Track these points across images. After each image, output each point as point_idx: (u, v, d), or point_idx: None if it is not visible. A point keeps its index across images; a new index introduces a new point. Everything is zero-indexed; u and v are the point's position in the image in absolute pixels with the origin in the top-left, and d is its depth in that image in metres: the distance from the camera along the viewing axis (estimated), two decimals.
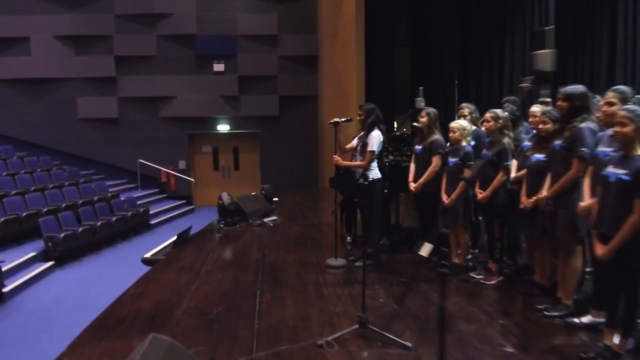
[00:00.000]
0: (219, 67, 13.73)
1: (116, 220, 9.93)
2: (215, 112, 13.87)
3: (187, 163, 14.07)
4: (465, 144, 4.51)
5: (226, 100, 13.86)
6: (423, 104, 4.58)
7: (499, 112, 4.35)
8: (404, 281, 4.50)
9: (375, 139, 4.69)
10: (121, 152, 13.54)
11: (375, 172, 4.75)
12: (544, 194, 3.64)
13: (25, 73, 12.97)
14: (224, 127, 14.05)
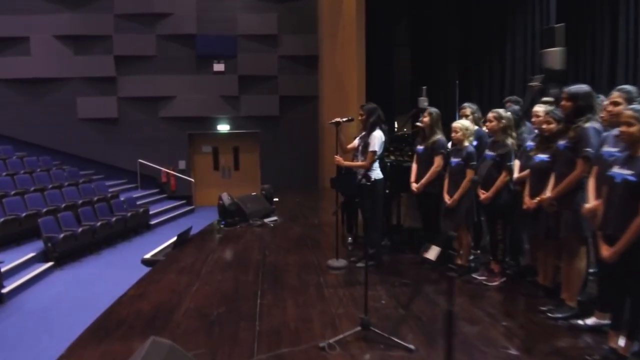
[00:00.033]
0: (219, 67, 13.70)
1: (116, 220, 9.90)
2: (215, 112, 13.84)
3: (187, 163, 14.03)
4: (467, 144, 4.47)
5: (226, 100, 13.83)
6: (426, 103, 4.53)
7: (502, 112, 4.32)
8: (406, 282, 4.46)
9: (377, 139, 4.65)
10: (121, 152, 13.51)
11: (377, 173, 4.72)
12: (547, 194, 3.60)
13: (24, 73, 12.93)
14: (224, 127, 14.02)
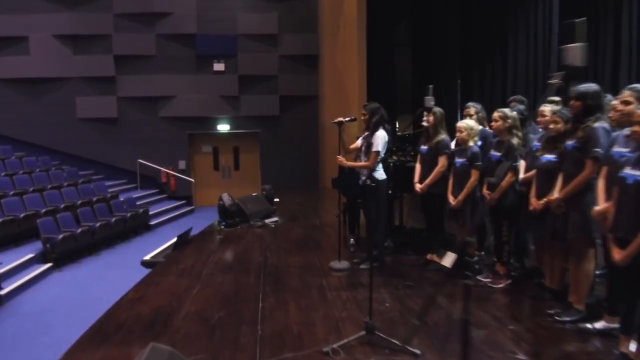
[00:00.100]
0: (219, 66, 13.62)
1: (115, 221, 9.83)
2: (215, 111, 13.77)
3: (187, 163, 13.96)
4: (472, 144, 4.40)
5: (226, 100, 13.76)
6: (432, 102, 4.45)
7: (507, 112, 4.25)
8: (410, 284, 4.39)
9: (380, 139, 4.58)
10: (121, 152, 13.43)
11: (380, 173, 4.65)
12: (555, 195, 3.53)
13: (24, 72, 12.85)
14: (224, 127, 13.94)
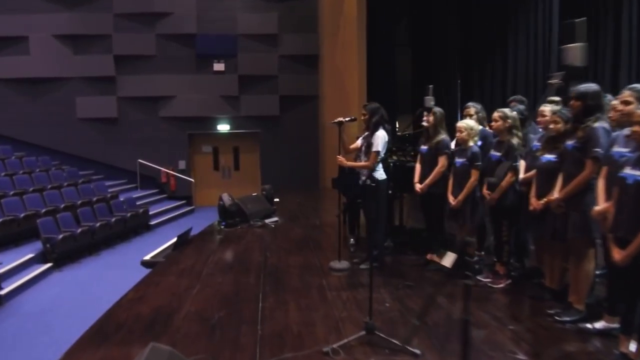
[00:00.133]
0: (219, 66, 13.61)
1: (115, 221, 9.82)
2: (215, 111, 13.76)
3: (187, 163, 13.96)
4: (472, 144, 4.40)
5: (226, 100, 13.75)
6: (433, 102, 4.44)
7: (507, 112, 4.25)
8: (410, 284, 4.39)
9: (380, 139, 4.58)
10: (121, 152, 13.43)
11: (381, 173, 4.64)
12: (555, 195, 3.53)
13: (23, 72, 12.84)
14: (224, 127, 13.94)
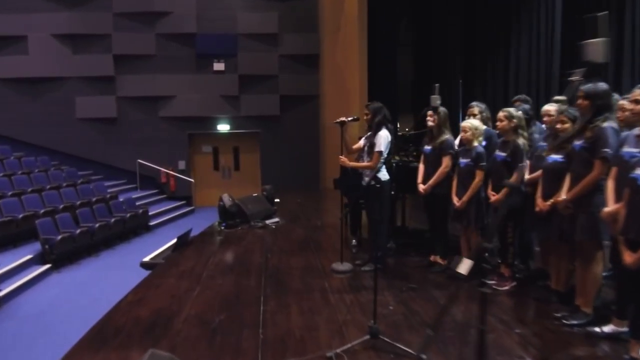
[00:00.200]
0: (219, 66, 13.55)
1: (115, 221, 9.76)
2: (215, 111, 13.70)
3: (187, 163, 13.90)
4: (476, 144, 4.34)
5: (226, 99, 13.69)
6: (439, 101, 4.36)
7: (513, 111, 4.18)
8: (413, 287, 4.32)
9: (383, 139, 4.51)
10: (120, 152, 13.37)
11: (384, 173, 4.57)
12: (563, 196, 3.46)
13: (23, 72, 12.78)
14: (224, 127, 13.88)
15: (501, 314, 3.67)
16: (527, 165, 4.13)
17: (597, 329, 3.26)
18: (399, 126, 11.17)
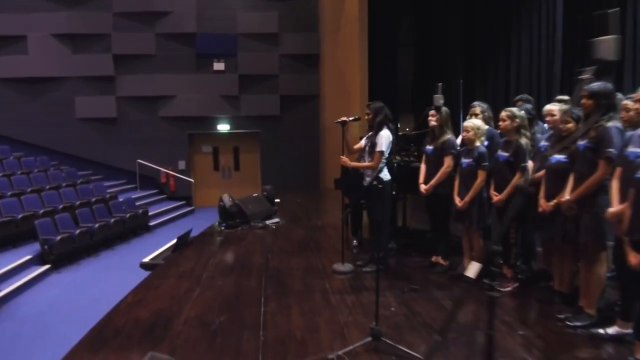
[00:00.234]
0: (219, 66, 13.52)
1: (114, 222, 9.72)
2: (215, 111, 13.67)
3: (187, 163, 13.87)
4: (479, 144, 4.31)
5: (226, 99, 13.66)
6: (442, 101, 4.32)
7: (515, 111, 4.15)
8: (415, 288, 4.29)
9: (385, 139, 4.47)
10: (120, 152, 13.34)
11: (385, 173, 4.54)
12: (566, 197, 3.42)
13: (22, 72, 12.75)
14: (224, 127, 13.85)
15: (503, 315, 3.64)
16: (530, 165, 4.10)
17: (601, 331, 3.23)
18: (399, 126, 11.13)
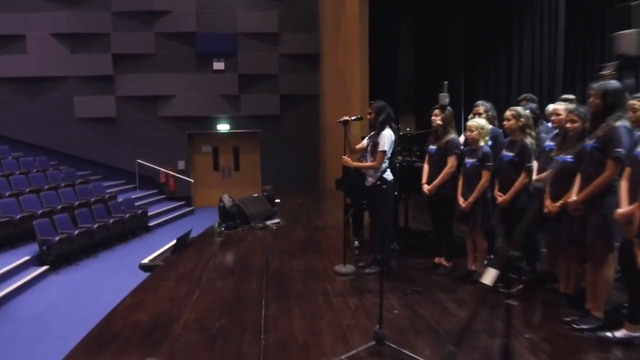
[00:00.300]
0: (219, 65, 13.47)
1: (114, 222, 9.66)
2: (215, 111, 13.61)
3: (187, 163, 13.81)
4: (483, 143, 4.24)
5: (226, 99, 13.60)
6: (447, 100, 4.25)
7: (520, 110, 4.09)
8: (419, 289, 4.22)
9: (387, 138, 4.41)
10: (119, 152, 13.28)
11: (387, 174, 4.47)
12: (573, 197, 3.36)
13: (21, 72, 12.70)
14: (224, 127, 13.79)
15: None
16: (535, 165, 4.04)
17: (608, 334, 3.16)
18: (399, 126, 11.06)
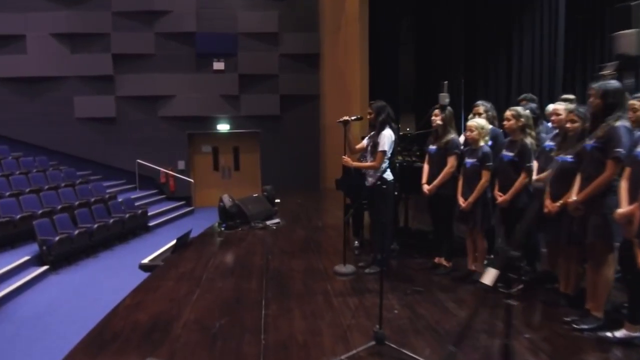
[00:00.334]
0: (219, 65, 13.47)
1: (113, 222, 9.66)
2: (215, 111, 13.61)
3: (187, 163, 13.81)
4: (483, 143, 4.24)
5: (226, 99, 13.60)
6: (448, 100, 4.25)
7: (521, 110, 4.09)
8: (419, 289, 4.22)
9: (387, 138, 4.40)
10: (119, 152, 13.28)
11: (388, 174, 4.47)
12: (573, 197, 3.36)
13: (21, 71, 12.70)
14: (224, 127, 13.79)
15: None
16: (535, 165, 4.04)
17: (609, 334, 3.16)
18: (399, 126, 11.06)
